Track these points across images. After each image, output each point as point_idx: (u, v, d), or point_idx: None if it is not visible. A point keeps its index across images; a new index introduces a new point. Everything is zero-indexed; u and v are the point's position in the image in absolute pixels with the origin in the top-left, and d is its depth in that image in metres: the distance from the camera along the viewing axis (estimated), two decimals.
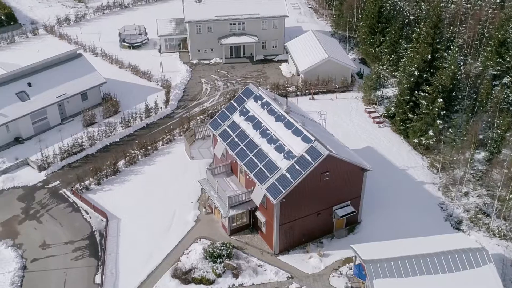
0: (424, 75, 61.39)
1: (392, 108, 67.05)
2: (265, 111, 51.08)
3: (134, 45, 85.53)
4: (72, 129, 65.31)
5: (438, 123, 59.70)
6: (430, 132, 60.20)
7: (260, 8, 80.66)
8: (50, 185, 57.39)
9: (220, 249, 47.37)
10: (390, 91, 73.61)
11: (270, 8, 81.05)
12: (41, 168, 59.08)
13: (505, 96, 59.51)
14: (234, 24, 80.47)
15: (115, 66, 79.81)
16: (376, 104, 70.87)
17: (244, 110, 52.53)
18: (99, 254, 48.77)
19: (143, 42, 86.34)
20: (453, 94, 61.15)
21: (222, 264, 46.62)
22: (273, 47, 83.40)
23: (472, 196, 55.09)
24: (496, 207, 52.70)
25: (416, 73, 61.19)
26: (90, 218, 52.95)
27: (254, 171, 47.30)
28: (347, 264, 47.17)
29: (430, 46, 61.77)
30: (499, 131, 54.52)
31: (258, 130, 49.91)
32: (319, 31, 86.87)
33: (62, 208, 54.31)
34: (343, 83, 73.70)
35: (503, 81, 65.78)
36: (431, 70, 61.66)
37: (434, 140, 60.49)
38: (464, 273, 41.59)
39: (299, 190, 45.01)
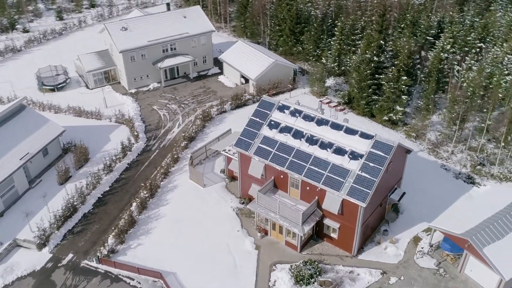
0: (381, 59, 58.29)
1: (345, 96, 62.93)
2: (299, 118, 42.27)
3: (58, 86, 67.17)
4: (48, 191, 47.78)
5: (403, 98, 57.18)
6: (398, 107, 57.48)
7: (187, 27, 69.10)
8: (64, 262, 40.79)
9: (308, 269, 38.08)
10: (328, 82, 69.23)
11: (196, 25, 69.97)
12: (40, 246, 41.79)
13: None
14: (166, 46, 67.83)
15: (49, 112, 61.12)
16: (325, 95, 65.95)
17: (273, 122, 42.95)
18: None
19: (67, 82, 68.33)
20: (412, 71, 59.08)
21: (318, 283, 37.56)
22: (203, 62, 72.72)
23: (458, 153, 53.85)
24: (483, 156, 52.44)
25: (375, 58, 57.65)
26: (139, 283, 38.63)
27: (322, 180, 38.67)
28: (419, 243, 41.77)
29: (380, 32, 58.76)
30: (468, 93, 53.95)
31: (302, 139, 41.06)
32: (231, 42, 78.97)
33: (98, 283, 38.77)
34: (290, 83, 67.15)
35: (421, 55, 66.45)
36: (380, 54, 58.90)
37: (401, 114, 58.01)
38: None
39: None
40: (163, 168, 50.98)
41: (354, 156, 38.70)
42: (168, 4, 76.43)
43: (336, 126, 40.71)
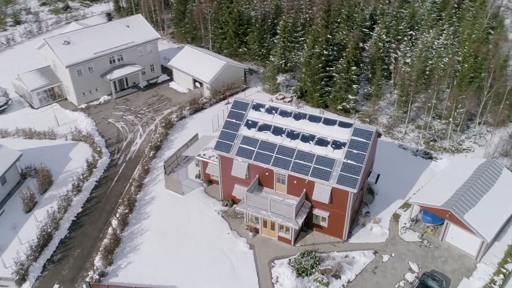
0: (330, 52, 58.69)
1: (297, 91, 62.64)
2: (276, 115, 41.01)
3: (0, 109, 59.92)
4: (15, 221, 42.25)
5: (354, 87, 58.09)
6: (350, 96, 58.27)
7: (132, 36, 64.77)
8: None
9: (307, 260, 37.08)
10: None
11: (140, 34, 65.78)
12: (19, 281, 36.68)
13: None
14: (113, 57, 63.08)
15: None
16: (278, 91, 65.27)
17: (250, 122, 41.26)
18: None
19: (8, 103, 61.11)
20: (358, 61, 60.04)
21: (319, 272, 36.69)
22: (152, 70, 68.75)
23: (410, 132, 55.70)
24: (432, 132, 54.79)
25: (324, 52, 57.90)
26: None
27: (310, 172, 37.82)
28: (400, 219, 42.46)
29: (326, 27, 59.06)
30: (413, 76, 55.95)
31: (283, 135, 39.88)
32: (173, 48, 76.04)
33: None
34: (242, 82, 65.58)
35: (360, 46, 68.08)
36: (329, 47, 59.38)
37: (353, 102, 58.88)
38: (500, 180, 41.42)
39: None
40: (136, 180, 47.31)
41: (337, 145, 38.31)
42: (109, 15, 71.33)
43: (314, 119, 40.09)
